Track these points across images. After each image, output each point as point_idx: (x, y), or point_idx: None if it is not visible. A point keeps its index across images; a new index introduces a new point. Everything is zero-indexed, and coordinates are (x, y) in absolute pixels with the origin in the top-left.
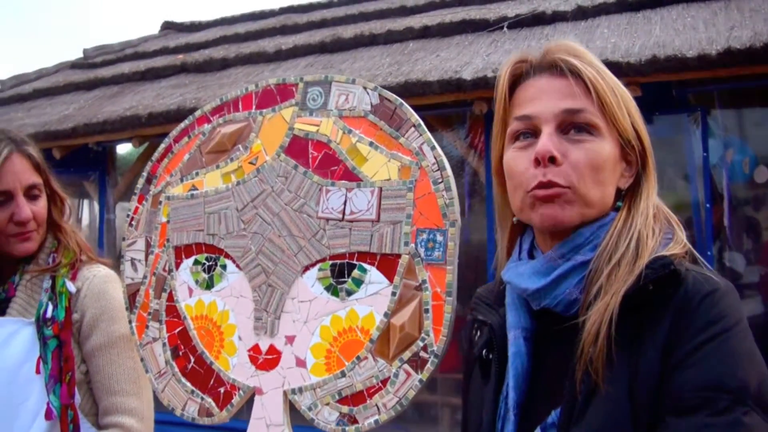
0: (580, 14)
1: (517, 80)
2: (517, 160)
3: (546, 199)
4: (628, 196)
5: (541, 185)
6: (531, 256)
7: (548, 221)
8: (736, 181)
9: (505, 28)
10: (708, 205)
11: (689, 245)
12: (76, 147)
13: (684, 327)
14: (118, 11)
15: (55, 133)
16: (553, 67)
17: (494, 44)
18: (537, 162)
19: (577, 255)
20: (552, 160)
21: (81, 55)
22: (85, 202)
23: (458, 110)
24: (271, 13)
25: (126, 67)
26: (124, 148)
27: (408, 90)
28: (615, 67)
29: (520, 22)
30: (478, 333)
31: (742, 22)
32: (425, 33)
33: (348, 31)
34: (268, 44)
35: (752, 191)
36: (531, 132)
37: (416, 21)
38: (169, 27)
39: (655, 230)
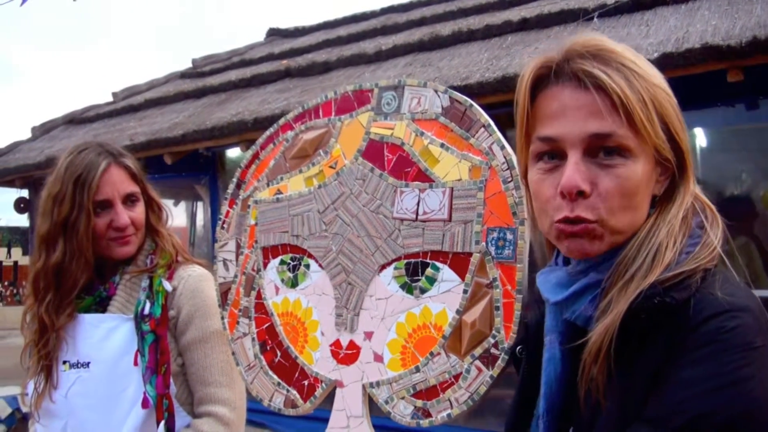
0: None
1: (538, 84)
2: (541, 184)
3: (573, 235)
4: (662, 200)
5: (568, 220)
6: (567, 262)
7: (575, 254)
8: None
9: (595, 18)
10: None
11: (718, 250)
12: (187, 153)
13: (676, 349)
14: (227, 21)
15: (166, 140)
16: (576, 77)
17: (594, 33)
18: (563, 195)
19: (593, 272)
20: (581, 193)
21: (190, 65)
22: (200, 204)
23: None
24: (372, 14)
25: (233, 75)
26: (233, 152)
27: (506, 85)
28: (715, 51)
29: (619, 8)
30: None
31: None
32: (524, 26)
33: (446, 28)
34: (369, 45)
35: None
36: (555, 153)
37: (515, 14)
38: (274, 33)
39: (677, 239)
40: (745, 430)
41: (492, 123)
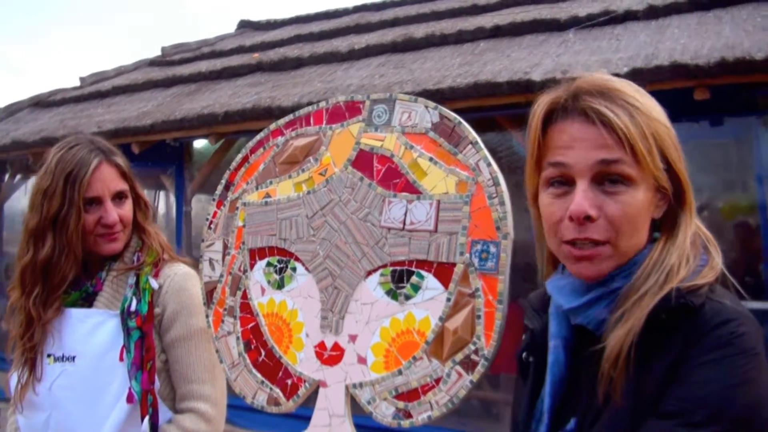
0: (652, 13)
1: (549, 117)
2: (552, 207)
3: (582, 258)
4: (666, 226)
5: (577, 241)
6: None
7: (584, 276)
8: None
9: (571, 33)
10: None
11: (722, 270)
12: (154, 142)
13: (690, 351)
14: (196, 10)
15: (134, 129)
16: (584, 114)
17: (564, 44)
18: (571, 219)
19: (611, 282)
20: (588, 218)
21: (159, 53)
22: (161, 194)
23: (528, 110)
24: (345, 12)
25: (203, 66)
26: (200, 143)
27: (477, 91)
28: (683, 70)
29: (591, 21)
30: (524, 336)
31: None
32: (496, 33)
33: (419, 31)
34: (342, 43)
35: None
36: (565, 181)
37: (487, 20)
38: (245, 26)
39: (689, 259)
40: (753, 422)
41: (479, 140)
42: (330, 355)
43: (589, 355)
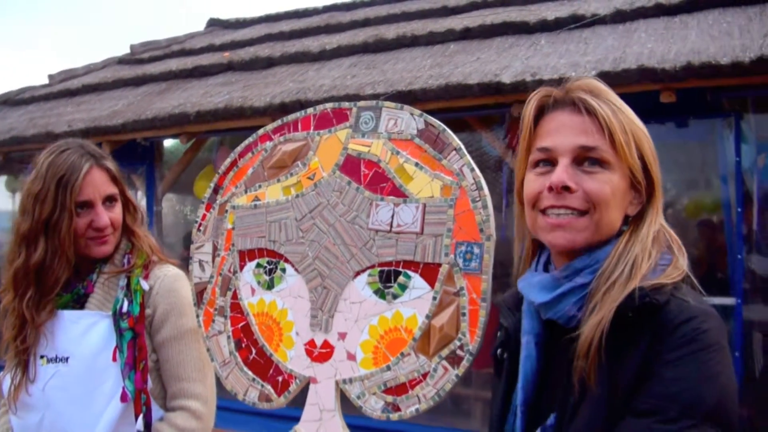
0: (619, 17)
1: (541, 111)
2: (533, 183)
3: (556, 227)
4: (633, 221)
5: (553, 208)
6: (546, 269)
7: (558, 245)
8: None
9: (542, 41)
10: (739, 209)
11: (687, 272)
12: (125, 142)
13: (658, 348)
14: (163, 7)
15: (105, 128)
16: (572, 104)
17: (533, 47)
18: (551, 189)
19: (577, 277)
20: (566, 188)
21: (128, 50)
22: (132, 194)
23: (498, 111)
24: (315, 11)
25: (173, 64)
26: (170, 143)
27: (448, 92)
28: (650, 74)
29: (559, 25)
30: (498, 333)
31: None
32: (466, 35)
33: (390, 31)
34: (313, 43)
35: None
36: (550, 161)
37: (457, 22)
38: (214, 24)
39: (652, 253)
40: (721, 413)
41: (462, 147)
42: (320, 353)
43: (562, 346)
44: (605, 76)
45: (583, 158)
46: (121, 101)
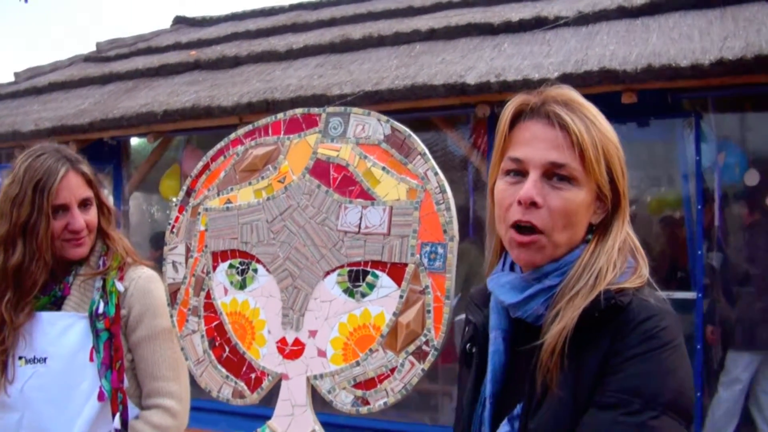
0: (582, 20)
1: (517, 117)
2: (504, 193)
3: (522, 245)
4: (599, 230)
5: (520, 224)
6: (513, 268)
7: (522, 261)
8: (728, 183)
9: (506, 43)
10: (699, 207)
11: (647, 278)
12: (92, 141)
13: (619, 345)
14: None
15: (72, 127)
16: (547, 116)
17: (498, 48)
18: (519, 202)
19: (545, 279)
20: (533, 204)
21: (94, 48)
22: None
23: (463, 111)
24: (282, 10)
25: (140, 62)
26: (137, 141)
27: (414, 93)
28: (612, 75)
29: (523, 26)
30: (467, 328)
31: (735, 32)
32: (431, 35)
33: (357, 31)
34: (279, 42)
35: (743, 193)
36: (520, 172)
37: (423, 23)
38: (180, 21)
39: (617, 264)
40: (680, 403)
41: (427, 152)
42: (291, 350)
43: (529, 348)
44: (567, 78)
45: (553, 173)
46: (87, 100)
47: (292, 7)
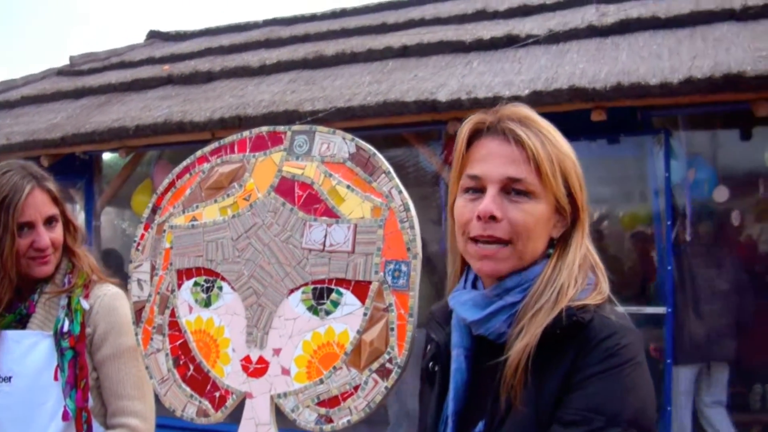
0: (553, 38)
1: (474, 135)
2: (463, 209)
3: (485, 257)
4: (559, 244)
5: (481, 238)
6: (474, 286)
7: (485, 273)
8: (697, 199)
9: (477, 61)
10: (669, 222)
11: (608, 294)
12: (64, 155)
13: (581, 362)
14: (103, 18)
15: (44, 141)
16: (503, 133)
17: (469, 65)
18: (479, 218)
19: (507, 296)
20: (493, 218)
21: (67, 62)
22: (71, 208)
23: (434, 128)
24: (255, 25)
25: (113, 77)
26: (109, 156)
27: (387, 109)
28: (581, 93)
29: (494, 44)
30: (429, 346)
31: (704, 51)
32: (404, 52)
33: (330, 48)
34: (252, 58)
35: (712, 209)
36: (479, 189)
37: (396, 40)
38: (154, 36)
39: (578, 280)
40: (641, 419)
41: (391, 170)
42: (255, 368)
43: (491, 365)
44: (538, 95)
45: (510, 188)
46: (60, 114)
47: (266, 23)
